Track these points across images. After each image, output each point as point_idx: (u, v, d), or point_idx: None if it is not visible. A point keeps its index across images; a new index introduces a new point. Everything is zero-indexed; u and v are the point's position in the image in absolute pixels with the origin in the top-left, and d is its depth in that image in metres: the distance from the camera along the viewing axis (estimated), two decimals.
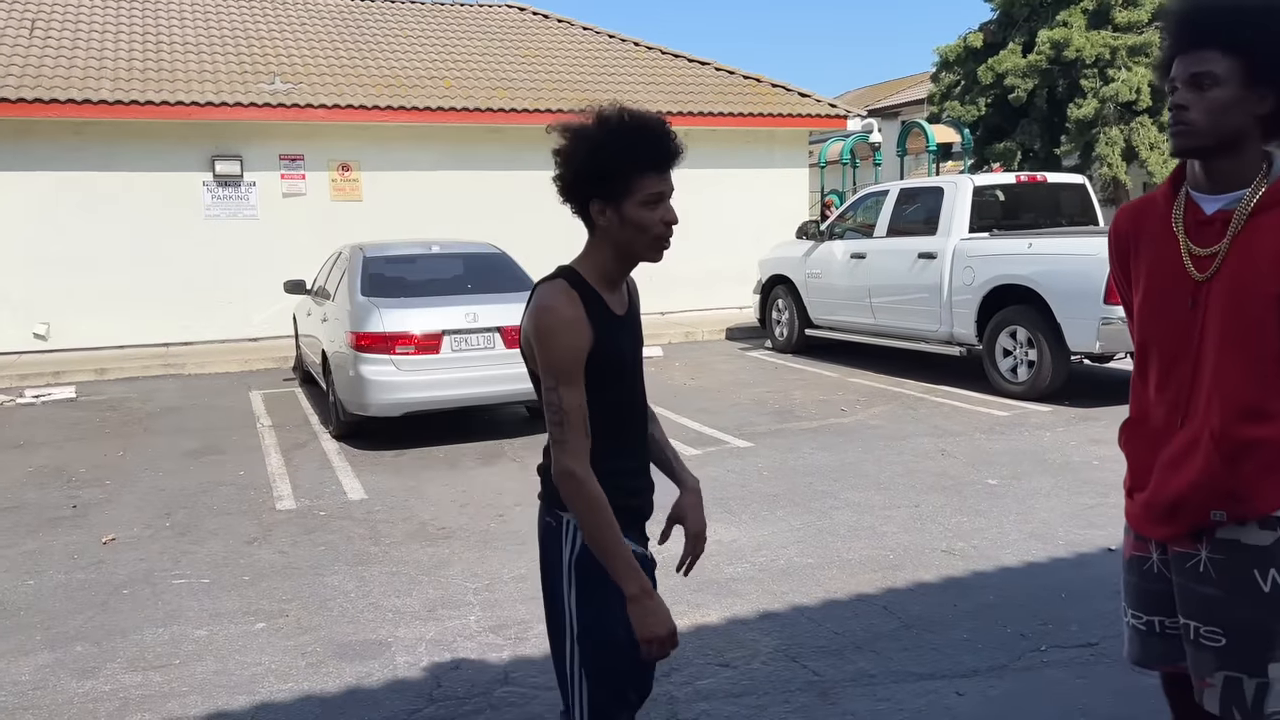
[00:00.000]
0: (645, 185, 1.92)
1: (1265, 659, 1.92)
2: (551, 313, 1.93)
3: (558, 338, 1.91)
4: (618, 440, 2.03)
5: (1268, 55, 1.81)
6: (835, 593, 4.30)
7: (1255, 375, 1.87)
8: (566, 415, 1.92)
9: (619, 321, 2.02)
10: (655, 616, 1.95)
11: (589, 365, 1.94)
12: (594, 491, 1.92)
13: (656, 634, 1.94)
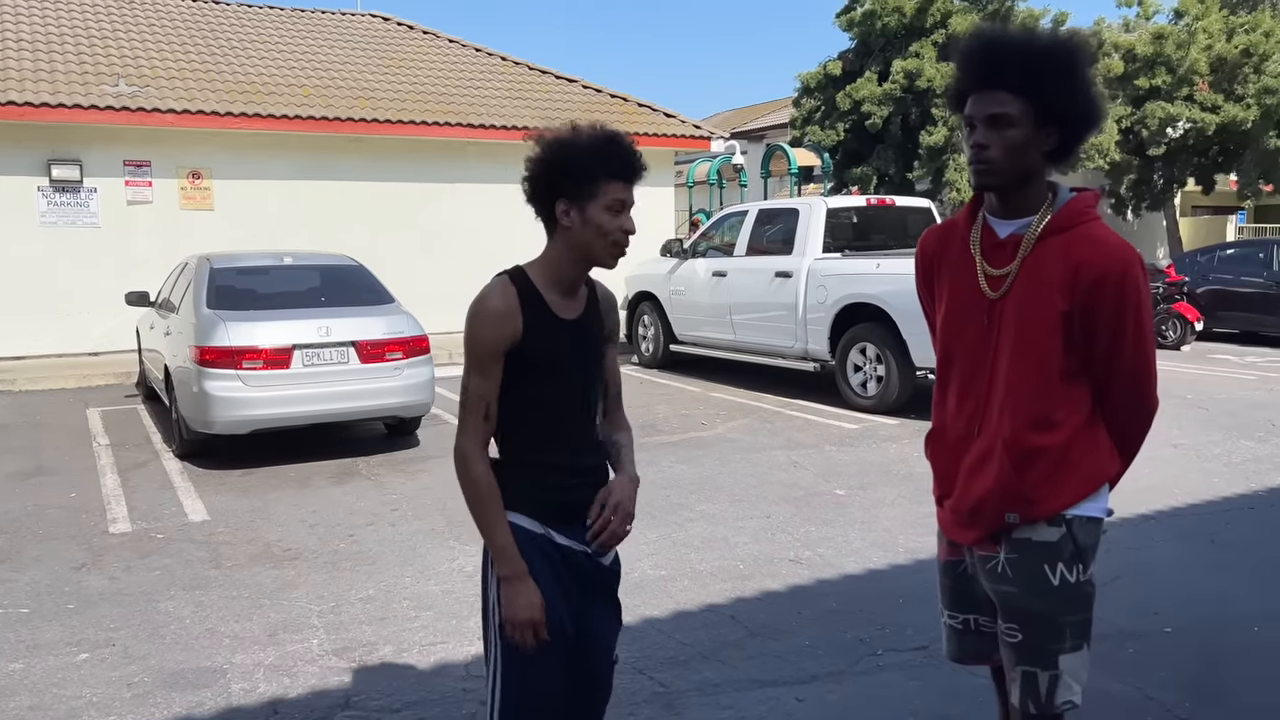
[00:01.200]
0: (611, 190, 2.04)
1: (1056, 651, 2.05)
2: (481, 302, 2.05)
3: (478, 326, 2.04)
4: (546, 436, 2.12)
5: (1053, 98, 1.95)
6: (686, 604, 4.36)
7: (1042, 387, 2.00)
8: (468, 399, 2.06)
9: (563, 324, 2.10)
10: (521, 600, 2.03)
11: (515, 359, 2.05)
12: (479, 473, 2.05)
13: (518, 618, 2.02)
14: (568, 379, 2.13)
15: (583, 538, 2.15)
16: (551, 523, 2.13)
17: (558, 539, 2.13)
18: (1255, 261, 14.14)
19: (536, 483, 2.12)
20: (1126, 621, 3.99)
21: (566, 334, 2.11)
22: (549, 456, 2.13)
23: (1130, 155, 20.03)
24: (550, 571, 2.11)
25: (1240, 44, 19.31)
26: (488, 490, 2.06)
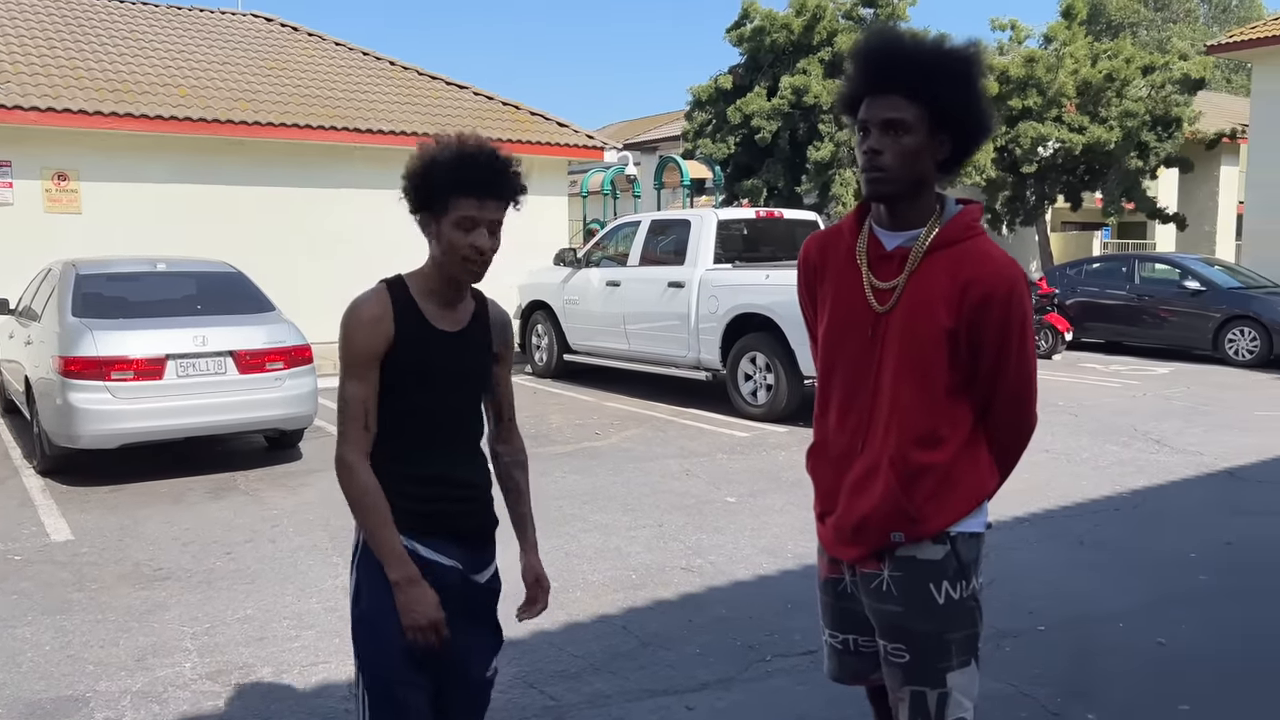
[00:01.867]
0: (460, 207, 2.00)
1: (944, 670, 2.02)
2: (353, 310, 2.05)
3: (349, 332, 2.04)
4: (415, 446, 2.09)
5: (947, 104, 1.92)
6: (578, 615, 4.32)
7: (928, 404, 1.97)
8: (346, 406, 2.05)
9: (437, 334, 2.08)
10: (418, 605, 1.99)
11: (388, 368, 2.04)
12: (362, 480, 2.03)
13: (416, 622, 2.00)
14: (439, 390, 2.09)
15: (454, 553, 2.11)
16: (417, 535, 2.08)
17: (423, 552, 2.07)
18: (1119, 275, 14.94)
19: (402, 494, 2.07)
20: (1002, 621, 4.13)
21: (441, 345, 2.08)
22: (418, 468, 2.09)
23: (1005, 172, 20.91)
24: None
25: (1104, 69, 20.41)
26: (374, 497, 2.03)
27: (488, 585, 2.21)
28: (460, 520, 2.13)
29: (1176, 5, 49.54)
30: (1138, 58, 21.01)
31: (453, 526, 2.11)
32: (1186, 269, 14.29)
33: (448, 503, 2.11)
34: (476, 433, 2.20)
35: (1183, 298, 13.87)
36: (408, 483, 2.08)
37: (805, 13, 21.67)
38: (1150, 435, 8.25)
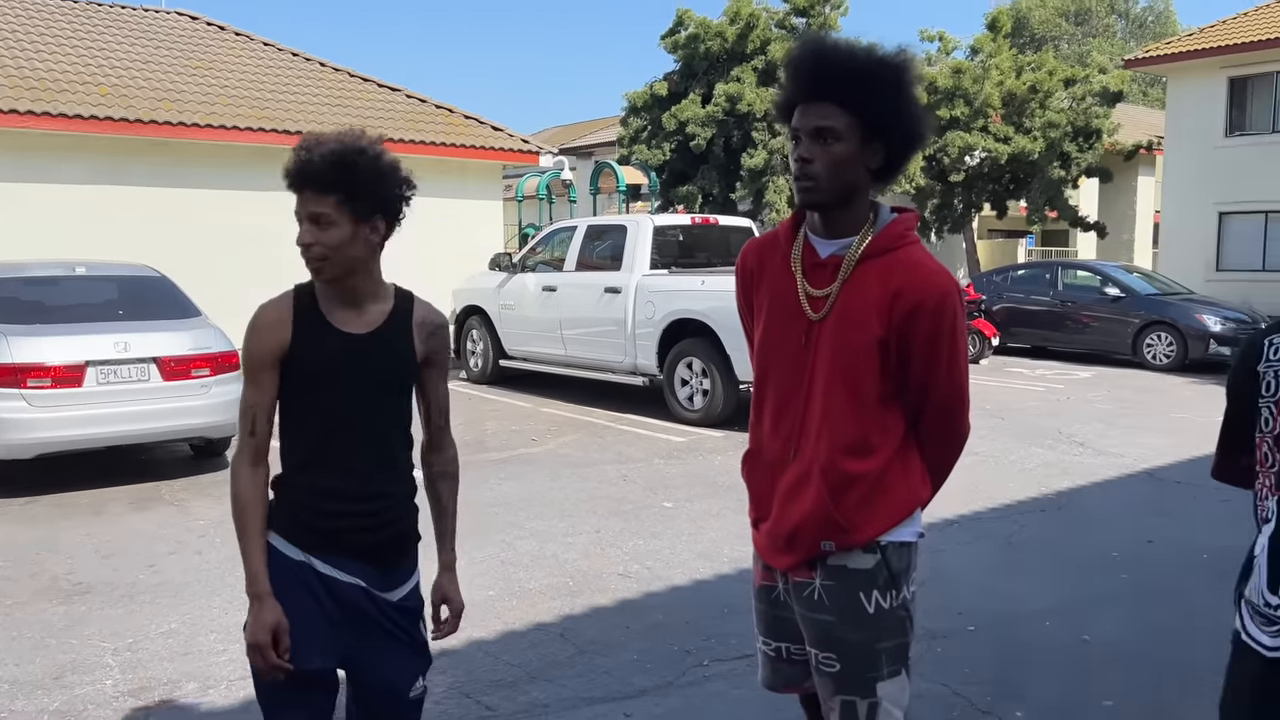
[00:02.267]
0: (298, 202, 1.95)
1: (874, 679, 2.02)
2: (256, 313, 2.01)
3: (247, 336, 2.01)
4: (316, 455, 2.01)
5: (879, 112, 1.91)
6: (514, 624, 4.28)
7: (859, 412, 1.97)
8: (241, 410, 2.01)
9: (341, 337, 1.99)
10: (254, 623, 1.93)
11: (287, 372, 1.98)
12: (240, 489, 1.98)
13: (248, 641, 1.95)
14: (341, 395, 1.99)
15: (358, 569, 2.02)
16: (314, 550, 2.00)
17: (320, 567, 2.00)
18: (1042, 281, 15.35)
19: (299, 505, 2.00)
20: (934, 622, 4.20)
21: (344, 347, 1.99)
22: (316, 479, 2.00)
23: (933, 181, 21.37)
24: (311, 602, 1.99)
25: (1028, 81, 20.99)
26: (241, 506, 1.98)
27: (402, 604, 2.10)
28: (365, 535, 2.02)
29: (1096, 20, 51.19)
30: (1060, 70, 21.65)
31: (357, 541, 2.01)
32: (1107, 276, 14.74)
33: (351, 518, 2.01)
34: (394, 441, 2.09)
35: (1103, 304, 14.31)
36: (307, 494, 2.01)
37: (739, 21, 21.89)
38: (1074, 438, 8.49)
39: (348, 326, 2.01)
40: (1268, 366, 1.82)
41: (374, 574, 2.04)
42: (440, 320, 2.16)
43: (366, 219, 1.96)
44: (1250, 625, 1.83)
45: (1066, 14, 50.54)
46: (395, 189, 2.00)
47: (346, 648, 2.04)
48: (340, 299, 2.01)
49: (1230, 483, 1.98)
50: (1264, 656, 1.79)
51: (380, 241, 2.02)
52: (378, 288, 2.07)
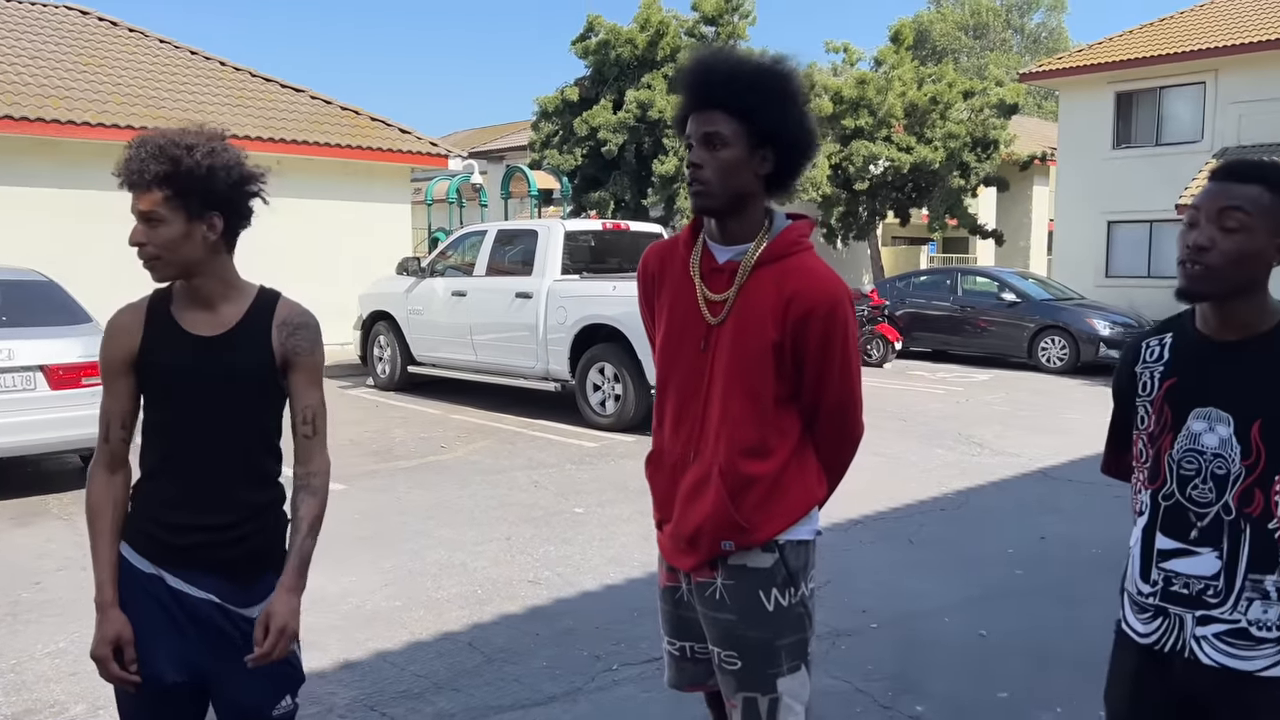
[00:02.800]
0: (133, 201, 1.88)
1: (774, 675, 2.07)
2: (110, 318, 1.98)
3: (102, 342, 1.98)
4: (163, 463, 1.96)
5: (765, 120, 1.97)
6: (421, 634, 4.22)
7: (756, 415, 2.02)
8: (99, 416, 1.98)
9: (188, 339, 1.92)
10: (96, 634, 1.90)
11: (139, 376, 1.94)
12: (91, 496, 1.97)
13: (90, 653, 1.93)
14: (186, 400, 1.91)
15: (211, 584, 1.94)
16: (164, 564, 1.93)
17: (170, 582, 1.93)
18: (943, 287, 15.84)
19: (148, 516, 1.94)
20: (837, 620, 4.29)
21: (191, 349, 1.92)
22: (164, 488, 1.94)
23: (839, 189, 21.86)
24: (161, 615, 1.93)
25: (929, 93, 21.64)
26: (91, 514, 1.96)
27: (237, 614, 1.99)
28: (219, 549, 1.93)
29: (994, 35, 53.06)
30: (959, 83, 22.38)
31: (210, 556, 1.93)
32: (1004, 282, 15.28)
33: (203, 531, 1.92)
34: (252, 449, 1.99)
35: (1000, 309, 14.83)
36: (155, 504, 1.94)
37: (649, 28, 22.05)
38: (972, 439, 8.77)
39: (197, 329, 1.93)
40: (1144, 368, 1.91)
41: (230, 589, 1.95)
42: (304, 320, 2.02)
43: (200, 216, 1.87)
44: (1128, 614, 1.93)
45: (966, 28, 52.28)
46: (231, 185, 1.90)
47: (202, 663, 1.95)
48: (191, 300, 1.95)
49: (1118, 477, 2.08)
50: (1139, 644, 1.88)
51: (220, 239, 1.92)
52: (230, 288, 1.97)
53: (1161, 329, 1.94)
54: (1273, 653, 1.74)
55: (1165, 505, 1.84)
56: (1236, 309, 1.78)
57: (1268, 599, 1.74)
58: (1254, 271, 1.75)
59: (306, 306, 2.09)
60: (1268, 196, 1.73)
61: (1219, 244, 1.72)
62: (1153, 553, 1.86)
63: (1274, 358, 1.76)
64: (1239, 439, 1.75)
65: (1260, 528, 1.74)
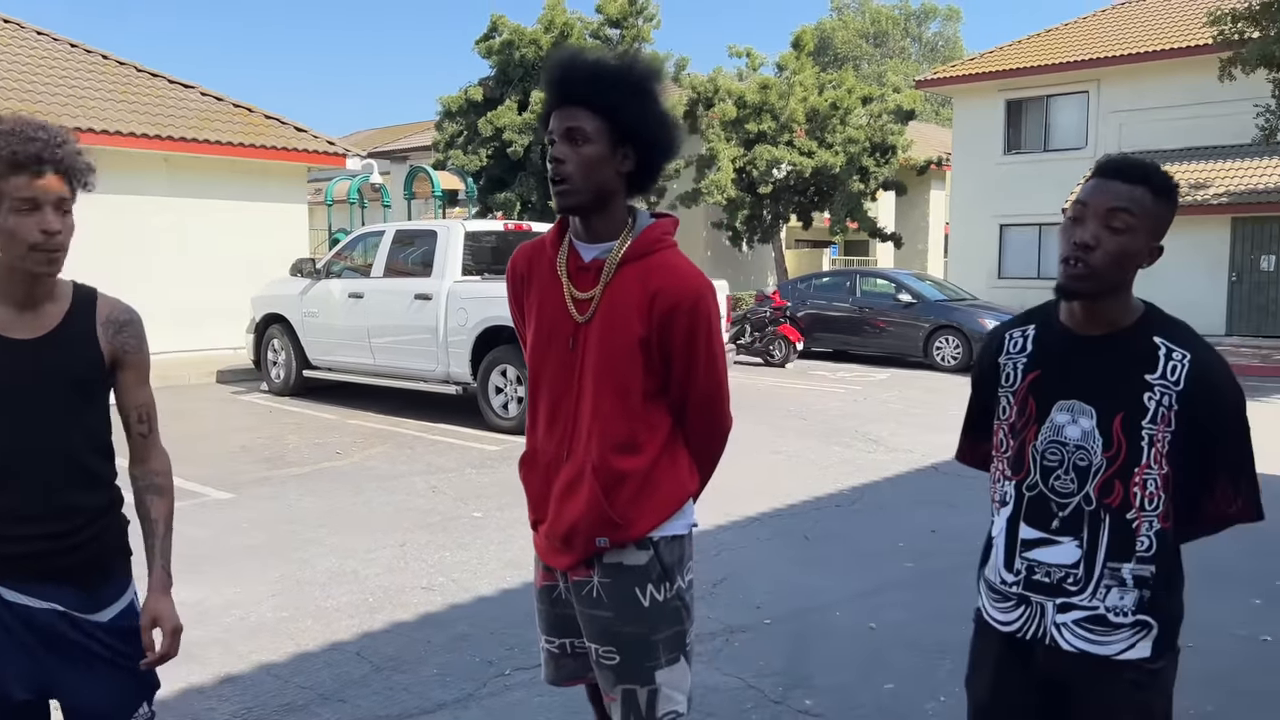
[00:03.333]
0: (14, 189, 1.76)
1: (652, 668, 2.09)
2: None
3: None
4: None
5: (626, 118, 2.00)
6: (308, 645, 4.10)
7: (625, 411, 2.04)
8: None
9: (6, 344, 1.83)
10: None
11: None
12: None
13: None
14: (7, 406, 1.84)
15: (53, 593, 1.88)
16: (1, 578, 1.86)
17: (8, 595, 1.86)
18: (843, 289, 16.17)
19: None
20: (733, 617, 4.33)
21: (8, 355, 1.84)
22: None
23: (744, 192, 22.13)
24: (2, 635, 1.85)
25: (829, 98, 22.07)
26: None
27: (114, 624, 1.95)
28: (57, 557, 1.87)
29: (893, 43, 54.52)
30: (858, 89, 22.89)
31: (48, 565, 1.86)
32: (900, 283, 15.68)
33: (38, 540, 1.85)
34: (84, 453, 1.92)
35: (897, 310, 15.20)
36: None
37: (553, 30, 21.97)
38: (869, 436, 8.97)
39: (13, 332, 1.85)
40: (1008, 359, 1.96)
41: (75, 596, 1.89)
42: (129, 316, 1.99)
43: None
44: (988, 603, 1.97)
45: (866, 35, 53.60)
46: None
47: (49, 676, 1.88)
48: (9, 300, 1.85)
49: (972, 466, 2.13)
50: (1001, 632, 1.93)
51: None
52: (52, 287, 1.90)
53: (1025, 320, 1.98)
54: (1128, 636, 1.81)
55: (1029, 496, 1.89)
56: (1105, 305, 1.82)
57: (1124, 586, 1.80)
58: (1131, 271, 1.80)
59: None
60: (1150, 199, 1.77)
61: (1104, 243, 1.76)
62: (1016, 542, 1.91)
63: (1135, 353, 1.81)
64: (1101, 431, 1.80)
65: (1119, 518, 1.80)
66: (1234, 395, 1.80)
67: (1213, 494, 1.82)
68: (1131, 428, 1.78)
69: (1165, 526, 1.80)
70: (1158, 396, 1.77)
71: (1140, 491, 1.79)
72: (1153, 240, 1.80)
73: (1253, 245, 18.16)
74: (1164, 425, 1.77)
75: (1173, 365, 1.78)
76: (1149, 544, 1.80)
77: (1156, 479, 1.79)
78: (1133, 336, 1.82)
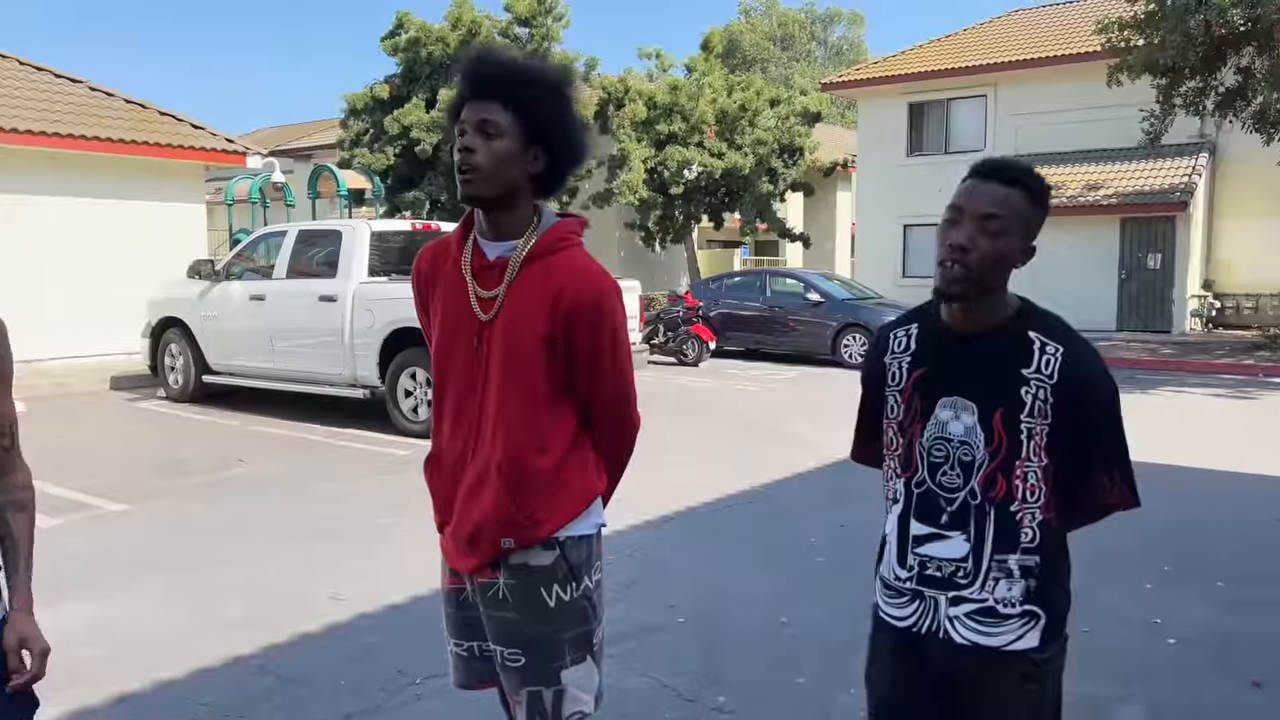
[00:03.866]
0: None
1: (558, 669, 2.07)
2: None
3: None
4: None
5: (541, 119, 1.98)
6: (208, 660, 3.95)
7: (532, 410, 2.02)
8: None
9: None
10: None
11: None
12: None
13: None
14: None
15: None
16: None
17: None
18: (754, 288, 16.37)
19: None
20: (646, 617, 4.32)
21: None
22: None
23: (656, 193, 22.22)
24: None
25: (738, 100, 22.32)
26: None
27: None
28: None
29: (799, 46, 55.44)
30: (766, 91, 23.21)
31: None
32: (809, 283, 15.95)
33: None
34: None
35: (806, 309, 15.46)
36: None
37: (460, 27, 21.73)
38: (781, 433, 9.08)
39: None
40: (893, 358, 1.98)
41: None
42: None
43: None
44: (883, 600, 2.00)
45: (773, 38, 54.39)
46: None
47: None
48: None
49: (868, 464, 2.16)
50: (896, 628, 1.95)
51: None
52: None
53: (907, 319, 2.01)
54: (1017, 627, 1.84)
55: (918, 492, 1.92)
56: (981, 305, 1.85)
57: (1011, 577, 1.84)
58: (1006, 273, 1.83)
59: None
60: (1025, 202, 1.80)
61: (979, 246, 1.78)
62: (908, 538, 1.93)
63: (1012, 349, 1.84)
64: (983, 427, 1.83)
65: (1003, 510, 1.83)
66: (1106, 386, 1.84)
67: (1091, 483, 1.87)
68: (1011, 422, 1.81)
69: (1047, 517, 1.84)
70: (1034, 390, 1.80)
71: (1022, 484, 1.82)
72: (1026, 241, 1.83)
73: (1141, 244, 18.99)
74: (1041, 418, 1.80)
75: (1046, 359, 1.81)
76: (1033, 535, 1.83)
77: (1037, 471, 1.82)
78: (1009, 333, 1.85)
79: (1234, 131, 17.34)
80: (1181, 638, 4.19)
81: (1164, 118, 16.10)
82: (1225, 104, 15.92)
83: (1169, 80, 15.69)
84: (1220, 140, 19.06)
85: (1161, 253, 18.80)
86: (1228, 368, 14.05)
